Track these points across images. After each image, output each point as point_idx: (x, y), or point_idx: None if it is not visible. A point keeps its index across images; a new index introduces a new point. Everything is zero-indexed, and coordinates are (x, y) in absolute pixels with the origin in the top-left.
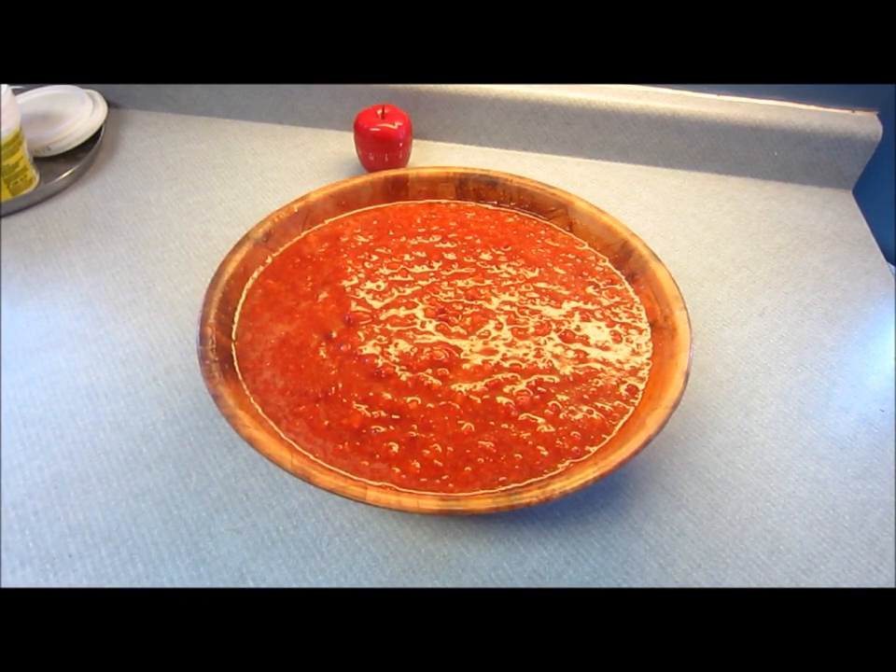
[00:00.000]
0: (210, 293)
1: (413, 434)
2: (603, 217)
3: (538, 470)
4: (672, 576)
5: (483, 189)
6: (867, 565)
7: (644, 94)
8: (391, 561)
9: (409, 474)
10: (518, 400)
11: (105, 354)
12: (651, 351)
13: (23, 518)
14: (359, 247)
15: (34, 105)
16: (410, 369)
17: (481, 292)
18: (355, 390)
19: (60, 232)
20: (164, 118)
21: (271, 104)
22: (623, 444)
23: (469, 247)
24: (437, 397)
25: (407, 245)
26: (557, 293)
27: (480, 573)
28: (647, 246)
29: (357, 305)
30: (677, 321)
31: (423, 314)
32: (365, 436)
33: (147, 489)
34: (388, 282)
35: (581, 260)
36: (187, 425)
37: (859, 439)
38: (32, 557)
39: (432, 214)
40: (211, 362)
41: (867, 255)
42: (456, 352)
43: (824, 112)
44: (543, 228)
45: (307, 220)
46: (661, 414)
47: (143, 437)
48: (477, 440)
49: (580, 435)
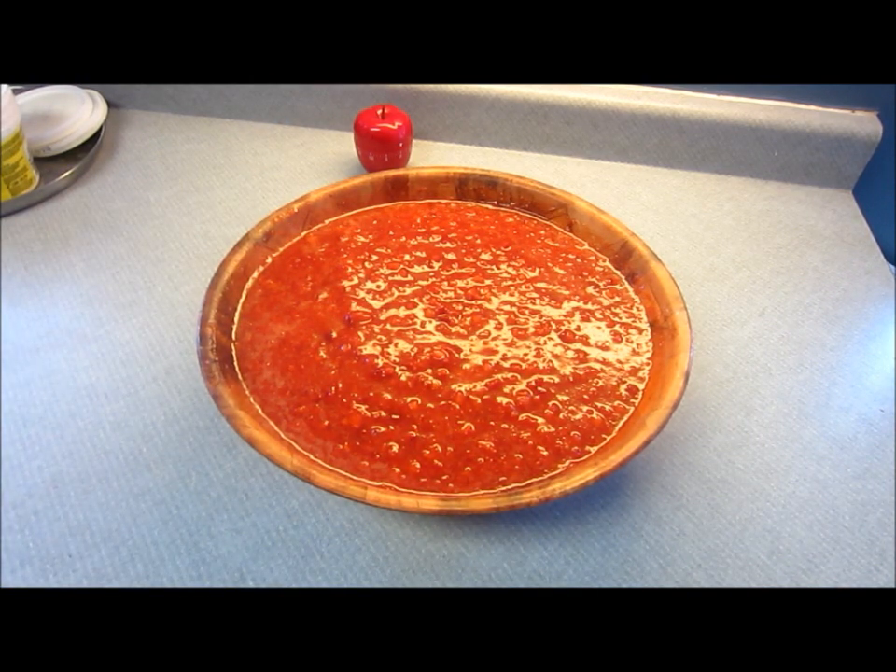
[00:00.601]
0: (210, 293)
1: (413, 434)
2: (603, 217)
3: (538, 470)
4: (672, 576)
5: (484, 188)
6: (867, 565)
7: (644, 94)
8: (391, 561)
9: (409, 474)
10: (518, 400)
11: (105, 354)
12: (652, 351)
13: (23, 518)
14: (359, 247)
15: (34, 105)
16: (410, 369)
17: (481, 292)
18: (355, 390)
19: (60, 232)
20: (164, 118)
21: (271, 104)
22: (624, 444)
23: (469, 247)
24: (437, 397)
25: (407, 244)
26: (557, 293)
27: (480, 573)
28: (647, 246)
29: (357, 305)
30: (677, 321)
31: (423, 314)
32: (365, 436)
33: (147, 489)
34: (388, 282)
35: (581, 260)
36: (187, 425)
37: (859, 439)
38: (32, 557)
39: (432, 214)
40: (211, 362)
41: (867, 255)
42: (456, 352)
43: (824, 112)
44: (543, 228)
45: (307, 220)
46: (661, 415)
47: (143, 437)
48: (477, 440)
49: (580, 435)
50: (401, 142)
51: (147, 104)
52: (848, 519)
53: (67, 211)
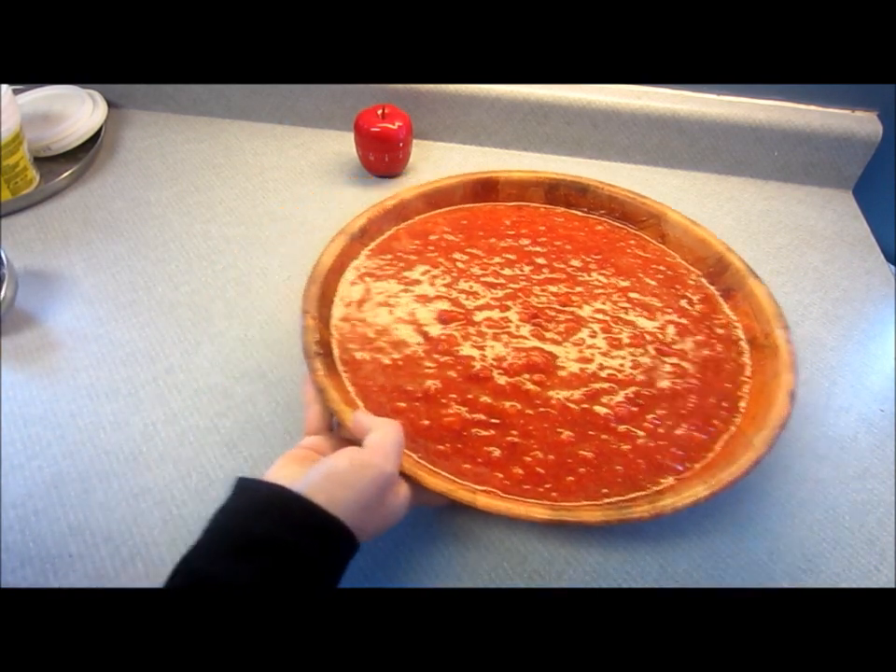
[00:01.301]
0: (309, 286)
1: (513, 440)
2: (697, 229)
3: (640, 484)
4: (672, 576)
5: (573, 195)
6: (867, 565)
7: (644, 94)
8: (391, 561)
9: (512, 480)
10: (617, 412)
11: (105, 354)
12: (752, 369)
13: (23, 518)
14: (449, 246)
15: (34, 105)
16: (507, 373)
17: (573, 299)
18: (453, 391)
19: (60, 232)
20: (164, 118)
21: (271, 104)
22: (731, 463)
23: (558, 253)
24: (535, 403)
25: (497, 246)
26: (650, 304)
27: (480, 573)
28: (744, 262)
29: (450, 305)
30: (778, 340)
31: (517, 317)
32: (466, 438)
33: (146, 489)
34: (480, 283)
35: (672, 273)
36: (186, 425)
37: (859, 439)
38: (32, 557)
39: (521, 217)
40: (315, 354)
41: (867, 255)
42: (553, 358)
43: (824, 112)
44: (633, 237)
45: (399, 217)
46: (769, 435)
47: (143, 437)
48: (577, 449)
49: (680, 451)
50: (402, 142)
51: (147, 104)
52: (848, 519)
53: (67, 211)
